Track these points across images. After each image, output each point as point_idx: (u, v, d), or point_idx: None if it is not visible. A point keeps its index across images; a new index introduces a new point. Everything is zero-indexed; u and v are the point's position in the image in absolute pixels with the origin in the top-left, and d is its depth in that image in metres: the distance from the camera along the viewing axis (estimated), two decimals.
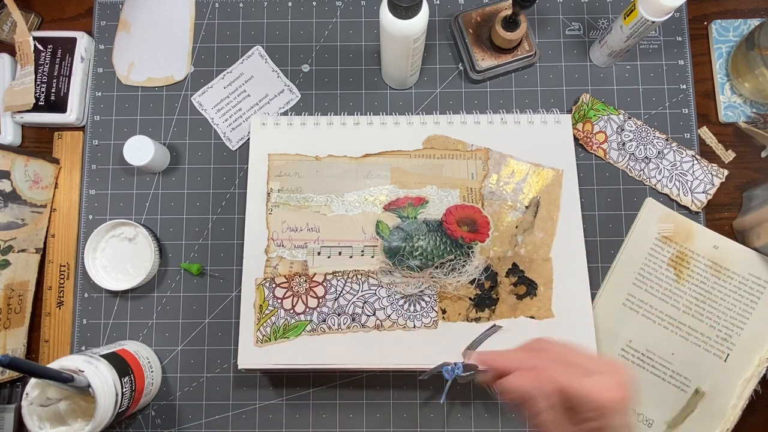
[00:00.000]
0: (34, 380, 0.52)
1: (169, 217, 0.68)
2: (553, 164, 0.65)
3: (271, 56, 0.71)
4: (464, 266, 0.62)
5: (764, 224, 0.63)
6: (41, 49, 0.69)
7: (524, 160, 0.65)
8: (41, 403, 0.52)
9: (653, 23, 0.59)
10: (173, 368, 0.65)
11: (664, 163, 0.67)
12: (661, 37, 0.71)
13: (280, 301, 0.61)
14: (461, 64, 0.71)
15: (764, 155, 0.69)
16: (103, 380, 0.52)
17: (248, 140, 0.68)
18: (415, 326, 0.61)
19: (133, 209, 0.68)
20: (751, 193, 0.67)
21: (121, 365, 0.56)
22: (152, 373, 0.62)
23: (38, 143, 0.71)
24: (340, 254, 0.62)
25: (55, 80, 0.69)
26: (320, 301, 0.61)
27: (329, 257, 0.62)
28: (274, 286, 0.62)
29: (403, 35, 0.56)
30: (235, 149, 0.70)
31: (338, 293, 0.62)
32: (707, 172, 0.67)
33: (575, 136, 0.68)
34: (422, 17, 0.55)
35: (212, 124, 0.70)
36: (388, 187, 0.64)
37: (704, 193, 0.67)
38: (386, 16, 0.55)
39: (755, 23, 0.70)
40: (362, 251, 0.62)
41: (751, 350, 0.63)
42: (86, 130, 0.70)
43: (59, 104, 0.68)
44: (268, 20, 0.72)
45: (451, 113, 0.67)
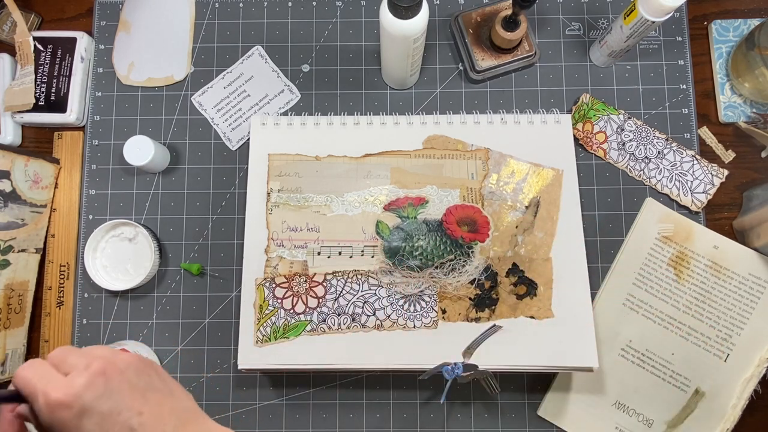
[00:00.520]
0: None
1: (169, 217, 0.68)
2: (553, 164, 0.64)
3: (271, 56, 0.71)
4: (464, 266, 0.62)
5: (764, 224, 0.63)
6: (41, 49, 0.69)
7: (524, 160, 0.65)
8: None
9: (653, 23, 0.59)
10: (173, 368, 0.65)
11: (664, 163, 0.67)
12: (661, 37, 0.71)
13: (280, 301, 0.61)
14: (461, 64, 0.71)
15: (764, 155, 0.69)
16: None
17: (248, 140, 0.68)
18: (415, 326, 0.61)
19: (133, 209, 0.68)
20: (751, 193, 0.67)
21: None
22: None
23: (38, 143, 0.71)
24: (340, 254, 0.62)
25: (55, 80, 0.69)
26: (320, 301, 0.61)
27: (329, 257, 0.62)
28: (274, 286, 0.62)
29: (403, 35, 0.56)
30: (235, 149, 0.70)
31: (338, 293, 0.62)
32: (707, 172, 0.67)
33: (575, 136, 0.68)
34: (422, 17, 0.55)
35: (212, 124, 0.70)
36: (388, 187, 0.64)
37: (704, 193, 0.67)
38: (386, 16, 0.55)
39: (755, 23, 0.70)
40: (362, 251, 0.62)
41: (751, 350, 0.63)
42: (86, 130, 0.70)
43: (59, 104, 0.68)
44: (268, 20, 0.72)
45: (451, 113, 0.67)
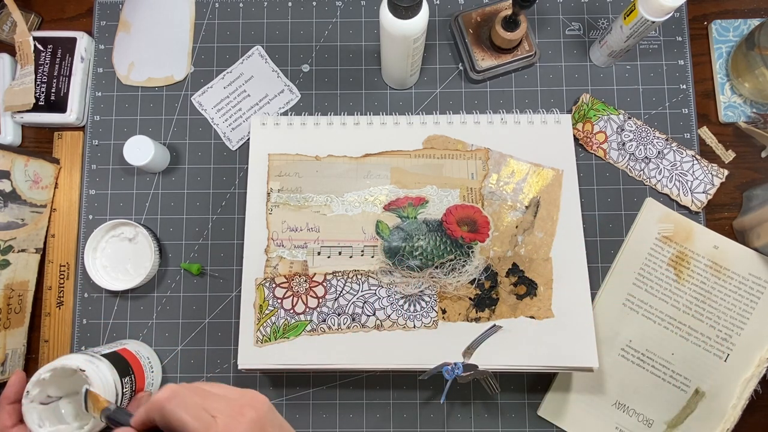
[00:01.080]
0: (35, 378, 0.52)
1: (169, 217, 0.68)
2: (553, 164, 0.64)
3: (271, 56, 0.71)
4: (464, 266, 0.62)
5: (764, 224, 0.63)
6: (41, 49, 0.69)
7: (524, 160, 0.65)
8: (41, 401, 0.52)
9: (653, 23, 0.59)
10: (173, 368, 0.65)
11: (664, 163, 0.67)
12: (661, 37, 0.71)
13: (280, 301, 0.61)
14: (461, 64, 0.71)
15: (764, 155, 0.69)
16: (103, 380, 0.52)
17: (248, 140, 0.68)
18: (415, 326, 0.61)
19: (133, 209, 0.68)
20: (751, 193, 0.67)
21: (122, 365, 0.56)
22: (152, 373, 0.62)
23: (38, 143, 0.71)
24: (340, 254, 0.62)
25: (55, 80, 0.69)
26: (320, 301, 0.61)
27: (329, 257, 0.62)
28: (274, 286, 0.62)
29: (403, 35, 0.56)
30: (235, 149, 0.70)
31: (338, 293, 0.62)
32: (707, 172, 0.67)
33: (575, 136, 0.68)
34: (422, 17, 0.55)
35: (212, 124, 0.70)
36: (388, 187, 0.64)
37: (704, 193, 0.67)
38: (386, 16, 0.55)
39: (755, 23, 0.70)
40: (362, 251, 0.62)
41: (751, 350, 0.63)
42: (86, 130, 0.70)
43: (59, 104, 0.68)
44: (268, 20, 0.72)
45: (451, 113, 0.67)
